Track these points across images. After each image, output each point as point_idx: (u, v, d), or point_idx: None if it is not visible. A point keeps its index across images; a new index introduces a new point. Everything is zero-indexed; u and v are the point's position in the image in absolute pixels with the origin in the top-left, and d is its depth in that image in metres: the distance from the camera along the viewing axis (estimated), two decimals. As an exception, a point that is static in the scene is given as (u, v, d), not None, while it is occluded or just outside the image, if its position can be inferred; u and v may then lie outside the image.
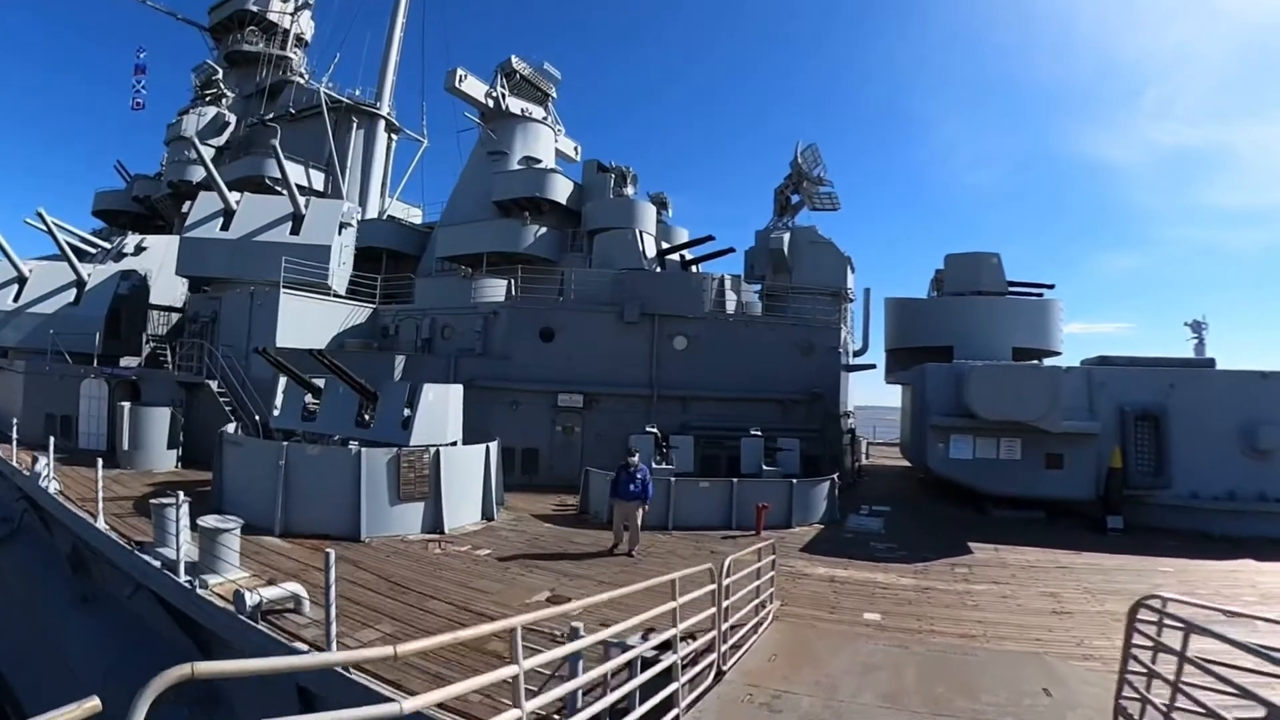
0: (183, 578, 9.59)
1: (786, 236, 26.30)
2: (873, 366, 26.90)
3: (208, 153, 36.41)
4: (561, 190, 28.90)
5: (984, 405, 16.24)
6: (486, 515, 15.24)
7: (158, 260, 27.40)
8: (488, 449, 15.50)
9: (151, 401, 19.65)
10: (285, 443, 13.87)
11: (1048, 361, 21.94)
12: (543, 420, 21.04)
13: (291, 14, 40.50)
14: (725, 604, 7.23)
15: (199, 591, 9.25)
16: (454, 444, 15.86)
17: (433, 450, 13.93)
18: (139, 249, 27.66)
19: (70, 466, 17.68)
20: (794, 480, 16.08)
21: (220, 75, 37.55)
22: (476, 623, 8.70)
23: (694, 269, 25.71)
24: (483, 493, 15.31)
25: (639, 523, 12.75)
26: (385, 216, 37.23)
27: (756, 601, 8.50)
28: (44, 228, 25.15)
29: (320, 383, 16.29)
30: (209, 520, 10.31)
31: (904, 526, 16.48)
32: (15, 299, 23.70)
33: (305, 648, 7.55)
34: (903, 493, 22.16)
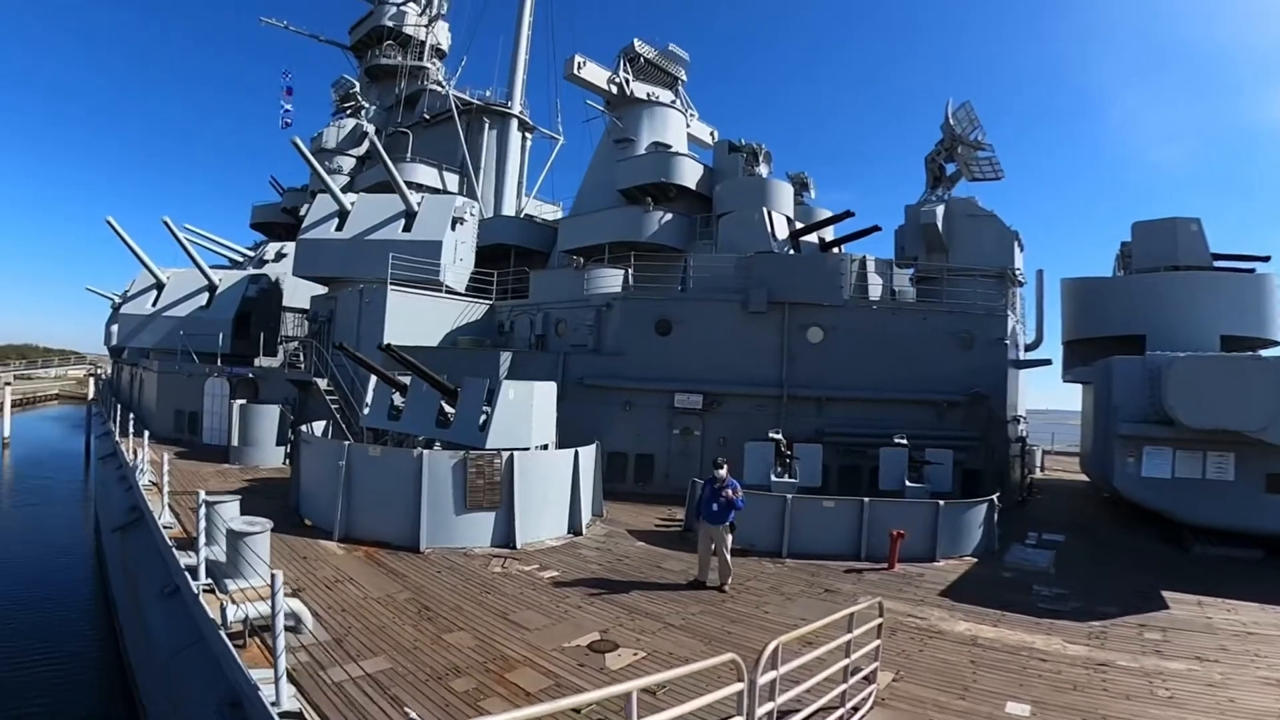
0: (196, 582, 8.94)
1: (940, 209, 23.01)
2: (1047, 362, 22.68)
3: (347, 163, 39.37)
4: (690, 174, 27.20)
5: (1186, 409, 13.38)
6: (573, 529, 13.81)
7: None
8: (576, 454, 14.02)
9: (268, 400, 20.42)
10: (347, 442, 13.25)
11: (1266, 353, 17.94)
12: (658, 423, 19.45)
13: (426, 26, 42.45)
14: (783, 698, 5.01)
15: (201, 600, 8.47)
16: (543, 448, 14.72)
17: (505, 455, 12.67)
18: (279, 255, 29.68)
19: (187, 461, 18.75)
20: (941, 502, 13.26)
21: (357, 89, 40.09)
22: (491, 668, 7.18)
23: (836, 251, 22.92)
24: (570, 503, 13.88)
25: (727, 549, 10.66)
26: (522, 215, 37.65)
27: (853, 671, 6.17)
28: (179, 237, 27.51)
29: (407, 380, 15.76)
30: (236, 522, 9.66)
31: (1079, 564, 13.19)
32: (153, 304, 26.13)
33: (258, 675, 6.33)
34: (1081, 517, 18.47)
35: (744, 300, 19.21)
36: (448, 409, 14.49)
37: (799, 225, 24.33)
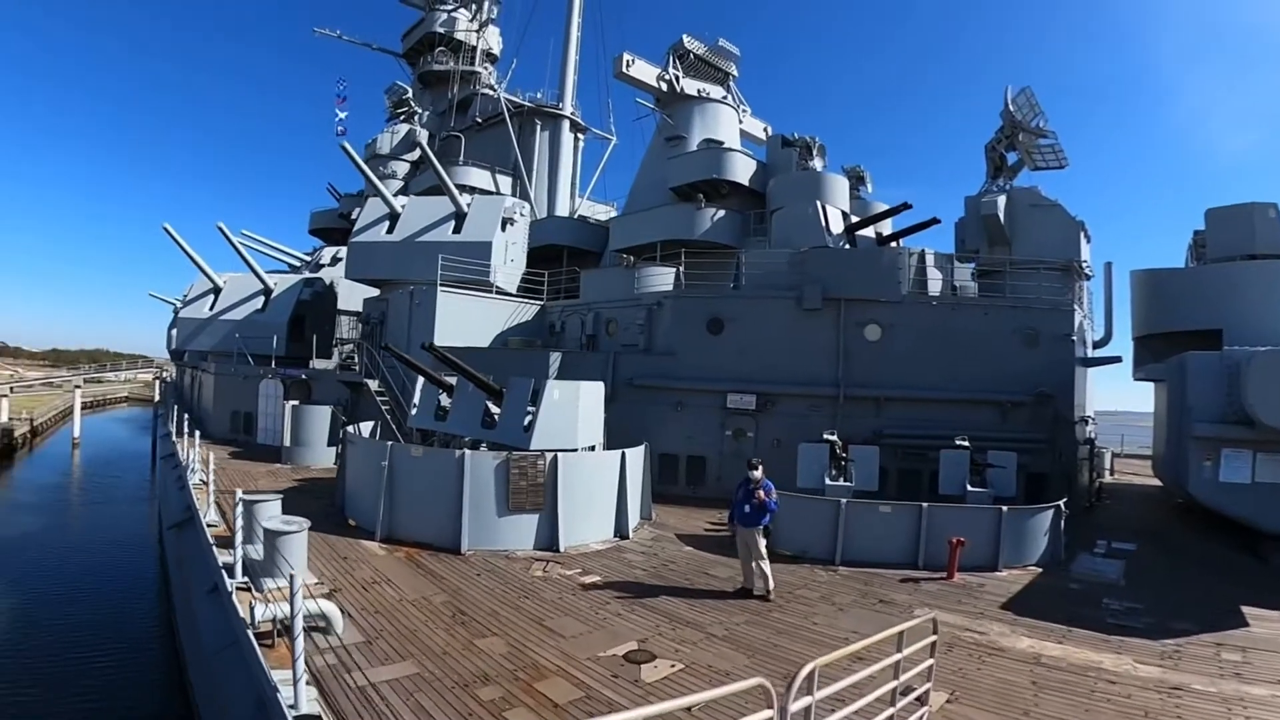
0: (230, 580, 8.91)
1: (1002, 200, 22.01)
2: (1117, 359, 21.30)
3: (402, 168, 40.06)
4: (742, 170, 26.63)
5: (1268, 408, 12.46)
6: (620, 532, 13.45)
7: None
8: (623, 456, 13.67)
9: (321, 401, 20.74)
10: (390, 443, 13.20)
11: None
12: (710, 424, 18.99)
13: (477, 31, 42.95)
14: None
15: (234, 598, 8.42)
16: (590, 449, 14.42)
17: (549, 456, 12.40)
18: (335, 260, 30.34)
19: (240, 461, 19.18)
20: (1004, 508, 12.37)
21: (410, 95, 40.82)
22: (521, 677, 6.85)
23: (893, 246, 22.07)
24: (616, 506, 13.53)
25: (762, 555, 10.15)
26: (576, 216, 37.67)
27: (904, 692, 5.60)
28: (234, 241, 28.40)
29: (454, 381, 15.70)
30: (273, 521, 9.64)
31: (1152, 575, 12.24)
32: (210, 308, 26.98)
33: (279, 676, 6.15)
34: (1154, 524, 17.29)
35: (798, 297, 18.61)
36: (493, 409, 14.35)
37: (854, 219, 23.51)
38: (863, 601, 10.02)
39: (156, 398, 46.74)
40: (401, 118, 40.39)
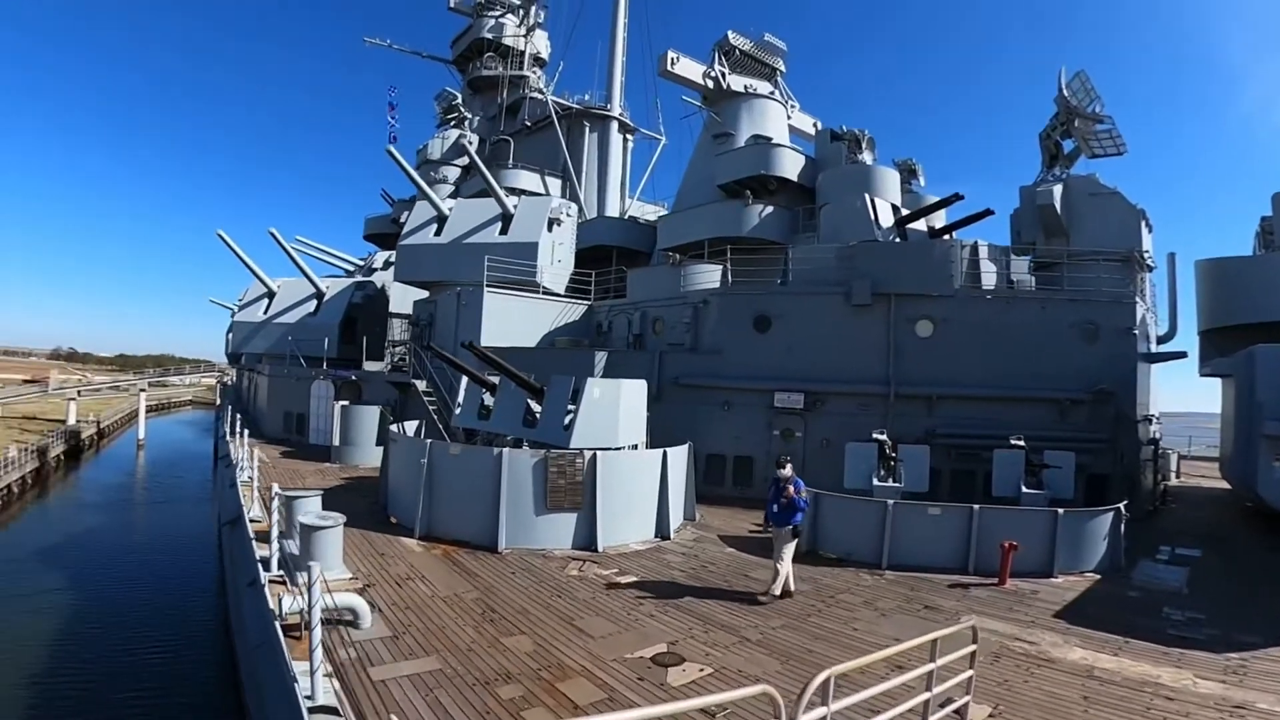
0: (265, 574, 9.05)
1: (1058, 189, 21.18)
2: (1182, 355, 20.06)
3: (453, 172, 40.69)
4: (790, 165, 26.13)
5: None
6: (661, 532, 13.25)
7: (400, 272, 30.33)
8: (665, 455, 13.47)
9: (370, 401, 21.12)
10: (429, 441, 13.27)
11: None
12: (757, 423, 18.64)
13: (525, 35, 43.35)
14: None
15: (266, 591, 8.53)
16: (633, 448, 14.26)
17: (588, 454, 12.27)
18: (386, 264, 30.97)
19: (291, 460, 19.67)
20: (1060, 510, 11.69)
21: (459, 100, 41.46)
22: (544, 676, 6.70)
23: (946, 238, 21.33)
24: (657, 506, 13.34)
25: (786, 555, 9.80)
26: (626, 216, 37.65)
27: (943, 702, 5.23)
28: (286, 246, 29.22)
29: (497, 380, 15.75)
30: (309, 517, 9.74)
31: (1217, 583, 11.42)
32: (264, 312, 27.83)
33: (300, 668, 6.16)
34: (1220, 529, 16.29)
35: (847, 293, 18.11)
36: (534, 408, 14.32)
37: (905, 213, 22.76)
38: (907, 607, 9.59)
39: (218, 401, 48.63)
40: (452, 123, 41.06)
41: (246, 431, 16.43)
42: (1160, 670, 7.57)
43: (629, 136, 41.98)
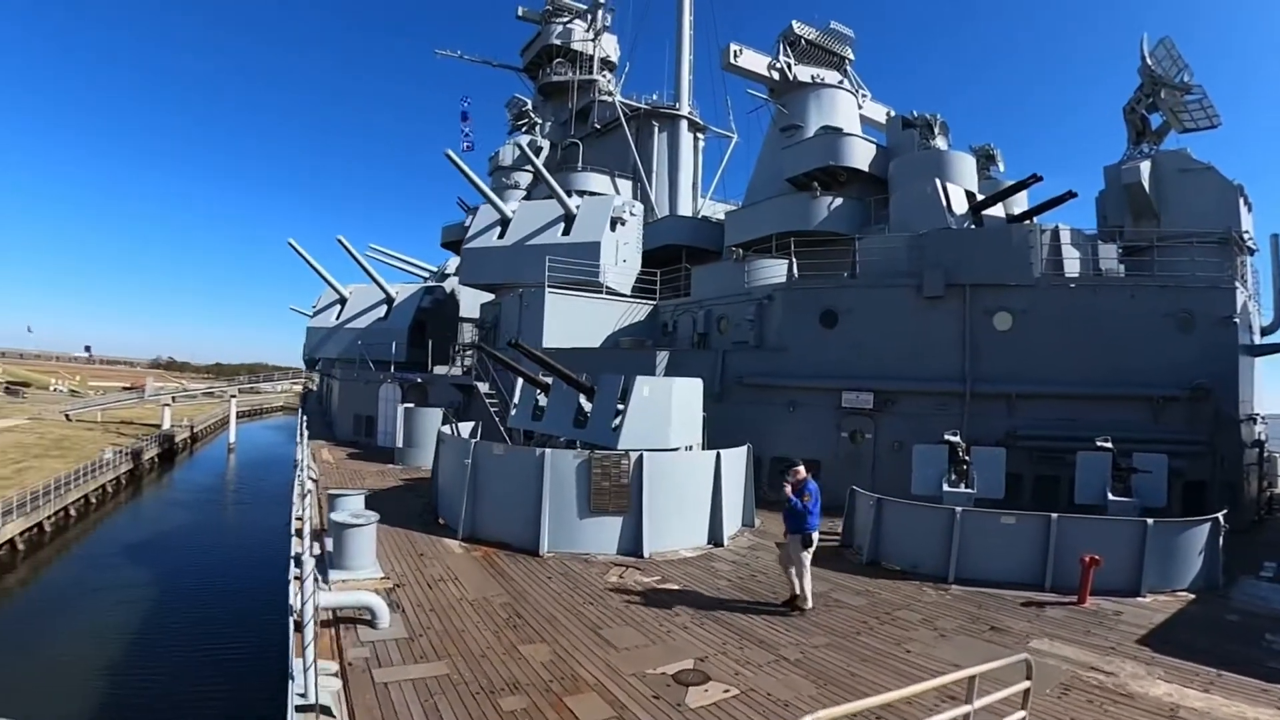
0: (295, 571, 8.97)
1: (1146, 166, 19.31)
2: None
3: (524, 178, 41.05)
4: (860, 155, 24.89)
5: None
6: (714, 539, 12.56)
7: (470, 277, 30.76)
8: (718, 457, 12.80)
9: (436, 404, 21.30)
10: (474, 441, 13.07)
11: None
12: (824, 424, 17.66)
13: (593, 40, 43.42)
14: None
15: (289, 585, 8.44)
16: (688, 450, 13.67)
17: (634, 455, 11.76)
18: (458, 270, 31.40)
19: (356, 461, 20.04)
20: (1150, 520, 10.37)
21: (529, 106, 41.82)
22: (554, 689, 6.23)
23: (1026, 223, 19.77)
24: (710, 511, 12.65)
25: (797, 564, 9.05)
26: (699, 216, 37.09)
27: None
28: (354, 253, 30.16)
29: (550, 380, 15.48)
30: (342, 514, 9.65)
31: None
32: (336, 317, 28.66)
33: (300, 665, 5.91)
34: None
35: (918, 284, 16.93)
36: (586, 408, 13.94)
37: (980, 198, 21.18)
38: (971, 628, 8.57)
39: (300, 406, 50.94)
40: (523, 129, 41.51)
41: (307, 434, 16.77)
42: (1258, 712, 6.41)
43: (700, 135, 41.39)
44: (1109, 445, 13.15)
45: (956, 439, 13.65)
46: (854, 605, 9.29)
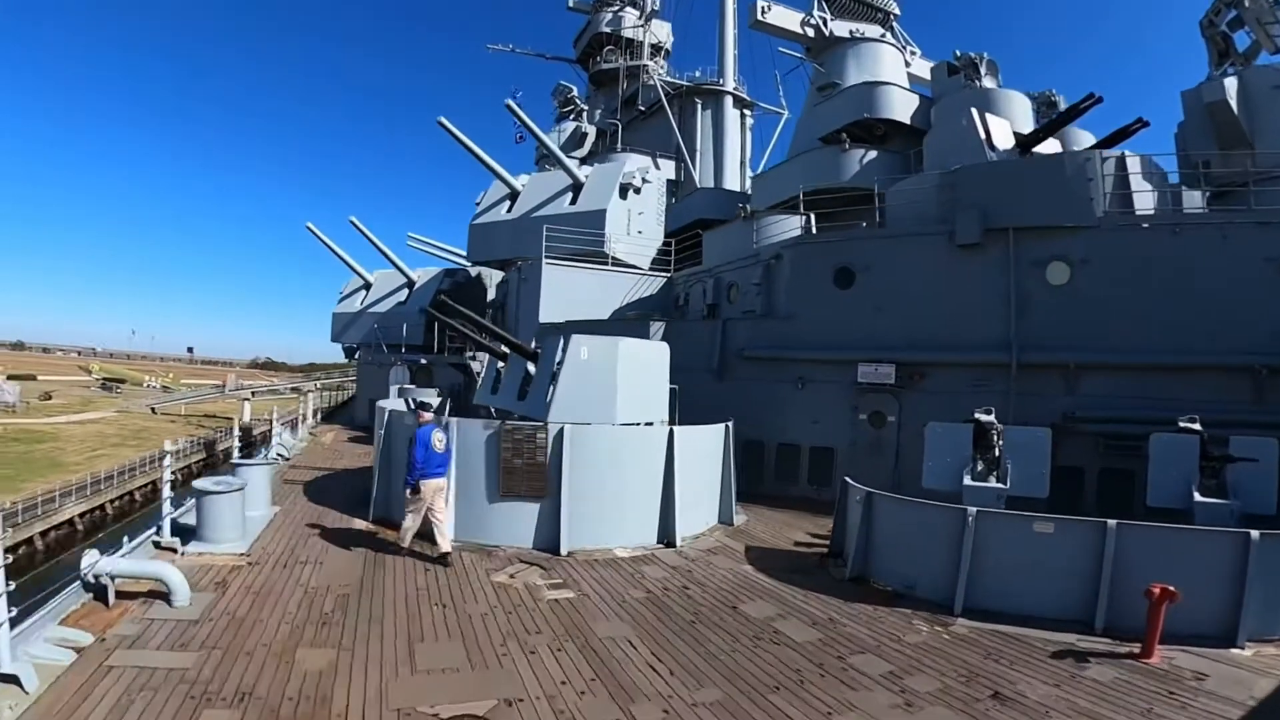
0: (155, 537, 8.29)
1: (1232, 83, 15.66)
2: None
3: (572, 164, 39.69)
4: (900, 107, 21.76)
5: None
6: (665, 536, 10.28)
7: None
8: (672, 434, 10.53)
9: (440, 385, 20.14)
10: (389, 409, 11.50)
11: None
12: (839, 404, 14.91)
13: (643, 25, 41.54)
14: None
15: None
16: (646, 426, 11.54)
17: (554, 429, 9.75)
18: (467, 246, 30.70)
19: (353, 444, 19.08)
20: (1255, 532, 6.84)
21: (575, 92, 40.52)
22: (281, 714, 4.56)
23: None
24: (662, 502, 10.32)
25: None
26: (720, 188, 34.74)
27: None
28: (369, 235, 29.74)
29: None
30: (204, 481, 8.68)
31: None
32: (361, 302, 28.31)
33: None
34: None
35: (950, 231, 13.90)
36: (532, 374, 12.09)
37: (1027, 134, 17.68)
38: (960, 692, 5.60)
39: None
40: (570, 116, 40.20)
41: (310, 419, 15.87)
42: None
43: (747, 112, 38.92)
44: (1197, 426, 9.79)
45: (989, 418, 10.44)
46: (796, 641, 6.61)
